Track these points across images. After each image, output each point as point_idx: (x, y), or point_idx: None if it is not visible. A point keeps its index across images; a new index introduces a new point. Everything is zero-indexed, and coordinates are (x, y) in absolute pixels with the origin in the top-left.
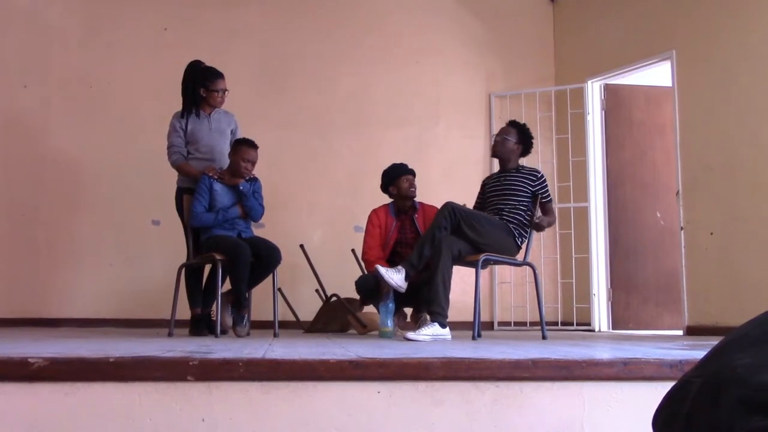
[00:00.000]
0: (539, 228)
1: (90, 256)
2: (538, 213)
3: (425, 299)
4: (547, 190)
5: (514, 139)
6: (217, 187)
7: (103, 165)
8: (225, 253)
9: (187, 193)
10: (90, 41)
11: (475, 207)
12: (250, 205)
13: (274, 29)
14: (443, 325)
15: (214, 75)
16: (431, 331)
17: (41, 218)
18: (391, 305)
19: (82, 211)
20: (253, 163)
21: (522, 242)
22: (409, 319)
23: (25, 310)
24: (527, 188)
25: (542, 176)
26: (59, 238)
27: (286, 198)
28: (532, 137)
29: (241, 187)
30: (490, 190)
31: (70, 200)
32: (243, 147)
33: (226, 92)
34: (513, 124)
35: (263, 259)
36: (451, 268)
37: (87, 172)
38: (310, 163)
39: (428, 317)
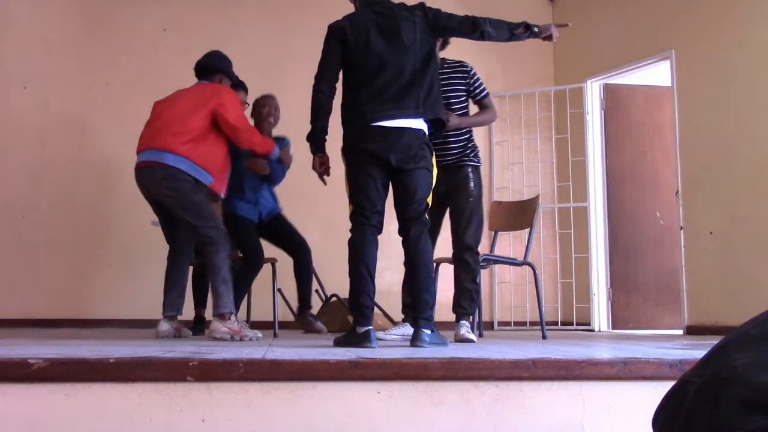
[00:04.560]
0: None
1: (89, 256)
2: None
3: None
4: (480, 82)
5: None
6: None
7: (103, 165)
8: (244, 254)
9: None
10: (89, 42)
11: None
12: (273, 168)
13: (273, 29)
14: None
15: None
16: (402, 330)
17: (41, 219)
18: None
19: (81, 211)
20: (275, 108)
21: (471, 153)
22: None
23: (24, 310)
24: (460, 85)
25: (471, 68)
26: (58, 239)
27: (286, 198)
28: None
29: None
30: None
31: (69, 201)
32: (259, 100)
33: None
34: None
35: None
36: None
37: (86, 172)
38: (310, 163)
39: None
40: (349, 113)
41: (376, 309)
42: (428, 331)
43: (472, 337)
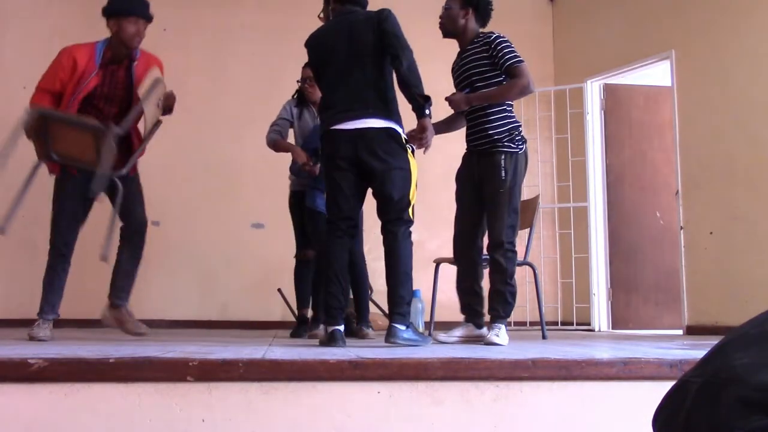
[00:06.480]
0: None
1: (89, 256)
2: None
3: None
4: (505, 50)
5: (458, 5)
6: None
7: None
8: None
9: (299, 197)
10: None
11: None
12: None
13: (272, 29)
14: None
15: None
16: (464, 331)
17: (40, 219)
18: (421, 305)
19: None
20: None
21: (513, 136)
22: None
23: (24, 310)
24: (484, 59)
25: (496, 36)
26: None
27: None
28: None
29: None
30: (456, 81)
31: None
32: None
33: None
34: None
35: None
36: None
37: None
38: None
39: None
40: (320, 119)
41: (376, 309)
42: (403, 327)
43: (499, 341)
